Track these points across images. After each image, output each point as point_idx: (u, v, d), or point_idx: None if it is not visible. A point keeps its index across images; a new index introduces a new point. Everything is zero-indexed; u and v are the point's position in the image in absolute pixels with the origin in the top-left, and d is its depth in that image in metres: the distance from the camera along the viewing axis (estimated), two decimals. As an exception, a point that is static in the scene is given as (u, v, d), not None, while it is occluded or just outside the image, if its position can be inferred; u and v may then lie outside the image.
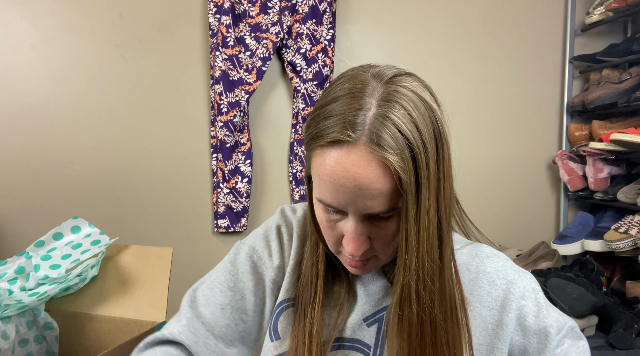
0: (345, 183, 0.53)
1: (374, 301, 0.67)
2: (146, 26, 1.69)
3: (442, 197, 0.55)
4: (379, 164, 0.52)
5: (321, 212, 0.59)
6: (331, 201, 0.55)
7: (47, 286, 0.90)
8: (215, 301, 0.68)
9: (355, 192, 0.53)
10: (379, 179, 0.52)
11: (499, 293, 0.65)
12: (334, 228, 0.59)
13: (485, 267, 0.67)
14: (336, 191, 0.54)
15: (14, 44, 1.60)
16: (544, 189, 1.99)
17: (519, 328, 0.65)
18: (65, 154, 1.66)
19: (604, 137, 1.68)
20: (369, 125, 0.52)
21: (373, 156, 0.51)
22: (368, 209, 0.54)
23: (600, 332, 1.43)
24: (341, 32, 1.81)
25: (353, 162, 0.52)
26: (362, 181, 0.52)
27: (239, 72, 1.68)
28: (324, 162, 0.54)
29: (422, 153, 0.52)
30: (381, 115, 0.52)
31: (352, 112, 0.52)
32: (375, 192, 0.53)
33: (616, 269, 1.73)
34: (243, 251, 0.73)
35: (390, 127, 0.51)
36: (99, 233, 1.04)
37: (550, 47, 1.95)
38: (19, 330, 0.89)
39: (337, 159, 0.53)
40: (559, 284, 1.38)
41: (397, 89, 0.54)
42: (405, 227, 0.54)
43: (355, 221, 0.56)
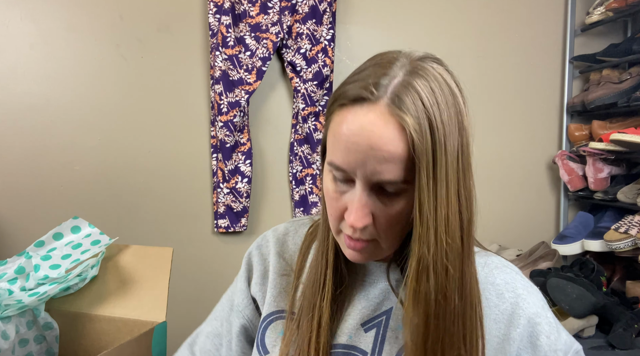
0: (359, 140, 0.52)
1: (373, 306, 0.66)
2: (146, 26, 1.69)
3: (462, 183, 0.55)
4: (395, 127, 0.52)
5: (330, 182, 0.58)
6: (341, 162, 0.54)
7: (47, 286, 0.90)
8: (205, 331, 0.78)
9: (367, 152, 0.52)
10: (394, 141, 0.52)
11: (507, 307, 0.63)
12: (339, 200, 0.58)
13: (494, 279, 0.65)
14: (348, 150, 0.53)
15: (14, 44, 1.60)
16: (544, 189, 1.99)
17: (529, 346, 0.62)
18: (65, 154, 1.66)
19: (604, 137, 1.68)
20: (392, 87, 0.52)
21: (391, 117, 0.52)
22: (377, 174, 0.53)
23: (600, 332, 1.43)
24: (341, 32, 1.81)
25: (370, 120, 0.52)
26: (376, 140, 0.52)
27: (239, 72, 1.68)
28: (341, 120, 0.54)
29: (441, 128, 0.52)
30: (407, 83, 0.52)
31: (378, 76, 0.53)
32: (387, 155, 0.52)
33: (616, 269, 1.73)
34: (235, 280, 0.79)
35: (413, 94, 0.52)
36: (99, 233, 1.04)
37: (550, 47, 1.95)
38: (19, 330, 0.89)
39: (355, 116, 0.53)
40: (559, 284, 1.38)
41: (425, 66, 0.55)
42: (419, 197, 0.52)
43: (362, 189, 0.55)
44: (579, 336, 1.40)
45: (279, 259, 0.72)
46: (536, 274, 1.50)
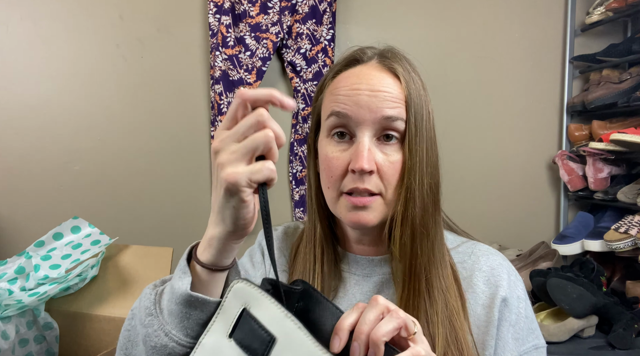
0: (360, 87, 0.61)
1: (367, 299, 0.67)
2: (146, 26, 1.69)
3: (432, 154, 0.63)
4: (389, 75, 0.63)
5: (328, 146, 0.64)
6: (343, 109, 0.61)
7: (47, 286, 0.90)
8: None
9: (368, 93, 0.61)
10: (390, 84, 0.62)
11: (493, 291, 0.65)
12: (339, 158, 0.62)
13: (480, 265, 0.66)
14: (349, 97, 0.61)
15: (14, 44, 1.60)
16: (544, 189, 1.99)
17: (515, 330, 0.64)
18: (65, 154, 1.66)
19: (604, 137, 1.68)
20: (378, 51, 0.67)
21: (384, 67, 0.64)
22: (380, 110, 0.60)
23: (600, 332, 1.43)
24: (341, 32, 1.81)
25: (366, 72, 0.63)
26: (375, 83, 0.61)
27: (239, 72, 1.68)
28: (339, 80, 0.64)
29: (420, 86, 0.64)
30: (387, 49, 0.67)
31: (362, 50, 0.67)
32: (387, 95, 0.61)
33: (616, 269, 1.73)
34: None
35: (396, 54, 0.66)
36: (99, 233, 1.04)
37: (550, 47, 1.95)
38: (19, 330, 0.89)
39: (352, 72, 0.64)
40: (559, 284, 1.38)
41: (397, 50, 0.68)
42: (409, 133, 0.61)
43: (365, 136, 0.61)
44: (578, 336, 1.40)
45: (280, 254, 0.74)
46: (536, 274, 1.50)
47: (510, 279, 0.66)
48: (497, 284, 0.65)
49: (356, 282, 0.68)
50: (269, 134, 0.44)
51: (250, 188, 0.45)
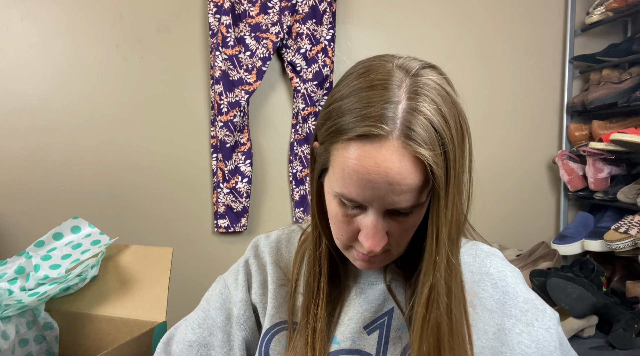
0: (376, 178, 0.51)
1: (374, 308, 0.66)
2: (146, 26, 1.69)
3: (462, 190, 0.55)
4: (411, 159, 0.51)
5: (337, 206, 0.57)
6: (356, 196, 0.53)
7: (47, 286, 0.90)
8: (185, 339, 0.71)
9: (385, 187, 0.51)
10: (411, 175, 0.51)
11: (499, 296, 0.64)
12: (350, 223, 0.57)
13: (487, 269, 0.65)
14: (363, 186, 0.52)
15: (14, 44, 1.60)
16: (544, 189, 1.99)
17: (531, 333, 0.63)
18: (65, 154, 1.66)
19: (604, 137, 1.68)
20: (400, 118, 0.50)
21: (406, 151, 0.50)
22: (395, 204, 0.53)
23: (600, 332, 1.43)
24: (341, 32, 1.81)
25: (385, 157, 0.50)
26: (394, 176, 0.51)
27: (239, 72, 1.68)
28: (350, 156, 0.52)
29: (453, 148, 0.52)
30: (413, 108, 0.50)
31: (381, 105, 0.50)
32: (405, 187, 0.52)
33: (616, 269, 1.73)
34: (217, 288, 0.75)
35: (423, 121, 0.50)
36: (99, 233, 1.04)
37: (550, 47, 1.95)
38: (19, 330, 0.89)
39: (368, 153, 0.51)
40: (559, 284, 1.38)
41: (425, 81, 0.52)
42: (437, 224, 0.53)
43: (377, 216, 0.55)
44: (579, 336, 1.40)
45: (276, 268, 0.72)
46: (536, 274, 1.50)
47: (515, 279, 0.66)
48: (505, 291, 0.64)
49: (361, 291, 0.67)
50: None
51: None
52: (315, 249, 0.65)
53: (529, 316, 0.64)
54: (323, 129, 0.56)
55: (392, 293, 0.66)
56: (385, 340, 0.64)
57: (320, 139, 0.57)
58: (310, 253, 0.66)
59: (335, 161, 0.54)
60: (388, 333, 0.64)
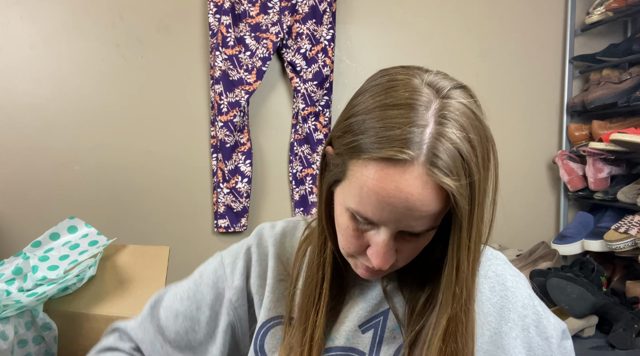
0: (396, 202, 0.49)
1: (370, 307, 0.65)
2: (146, 26, 1.69)
3: (484, 219, 0.53)
4: (434, 187, 0.49)
5: (348, 220, 0.55)
6: (372, 216, 0.52)
7: (45, 286, 0.90)
8: (173, 307, 0.72)
9: (403, 212, 0.50)
10: (433, 202, 0.49)
11: (497, 300, 0.64)
12: (360, 237, 0.56)
13: (486, 272, 0.65)
14: (382, 208, 0.50)
15: (14, 44, 1.61)
16: (544, 189, 1.99)
17: (525, 341, 0.63)
18: (65, 154, 1.66)
19: (604, 137, 1.67)
20: (427, 144, 0.48)
21: (430, 178, 0.48)
22: (410, 228, 0.52)
23: (600, 332, 1.43)
24: (341, 32, 1.81)
25: (408, 183, 0.48)
26: (414, 202, 0.49)
27: (239, 72, 1.68)
28: (370, 176, 0.50)
29: (479, 177, 0.50)
30: (440, 134, 0.48)
31: (408, 128, 0.48)
32: (424, 214, 0.50)
33: (616, 269, 1.73)
34: (212, 264, 0.75)
35: (450, 148, 0.48)
36: (96, 234, 1.04)
37: (550, 47, 1.95)
38: (18, 331, 0.89)
39: (389, 176, 0.49)
40: (559, 284, 1.38)
41: (454, 105, 0.50)
42: (458, 255, 0.52)
43: (389, 235, 0.53)
44: (579, 336, 1.40)
45: (277, 262, 0.71)
46: (536, 274, 1.50)
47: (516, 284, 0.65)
48: (503, 295, 0.64)
49: (360, 291, 0.67)
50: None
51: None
52: (320, 255, 0.64)
53: (527, 321, 0.63)
54: (342, 141, 0.53)
55: (387, 297, 0.66)
56: (380, 339, 0.64)
57: (336, 149, 0.55)
58: (314, 257, 0.65)
59: (354, 177, 0.52)
60: (382, 333, 0.64)
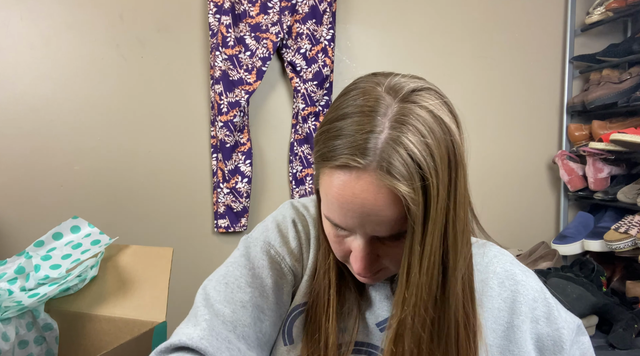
0: (354, 207, 0.51)
1: (387, 306, 0.66)
2: (146, 26, 1.69)
3: (450, 226, 0.52)
4: (388, 192, 0.49)
5: (329, 227, 0.58)
6: (339, 222, 0.54)
7: (47, 286, 0.90)
8: (235, 299, 0.62)
9: (363, 217, 0.51)
10: (388, 207, 0.50)
11: (508, 295, 0.65)
12: (341, 243, 0.57)
13: (494, 267, 0.66)
14: (344, 214, 0.52)
15: (14, 44, 1.60)
16: (544, 189, 1.99)
17: (534, 331, 0.65)
18: (65, 154, 1.66)
19: (604, 137, 1.68)
20: (380, 150, 0.49)
21: (383, 183, 0.49)
22: (376, 232, 0.53)
23: (600, 332, 1.43)
24: (341, 32, 1.81)
25: (362, 188, 0.50)
26: (370, 207, 0.50)
27: (239, 72, 1.68)
28: (332, 184, 0.52)
29: (434, 183, 0.49)
30: (393, 140, 0.49)
31: (363, 135, 0.49)
32: (384, 218, 0.51)
33: (616, 269, 1.73)
34: (257, 246, 0.69)
35: (403, 154, 0.48)
36: (98, 233, 1.04)
37: (550, 47, 1.95)
38: (19, 331, 0.89)
39: (346, 183, 0.51)
40: (559, 284, 1.38)
41: (412, 109, 0.50)
42: (408, 260, 0.52)
43: (363, 241, 0.55)
44: (579, 336, 1.40)
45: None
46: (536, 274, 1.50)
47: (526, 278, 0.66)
48: (514, 289, 0.65)
49: (377, 290, 0.67)
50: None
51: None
52: (324, 261, 0.65)
53: (537, 313, 0.65)
54: (316, 149, 0.55)
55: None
56: None
57: (314, 160, 0.57)
58: (320, 265, 0.65)
59: (322, 186, 0.54)
60: None
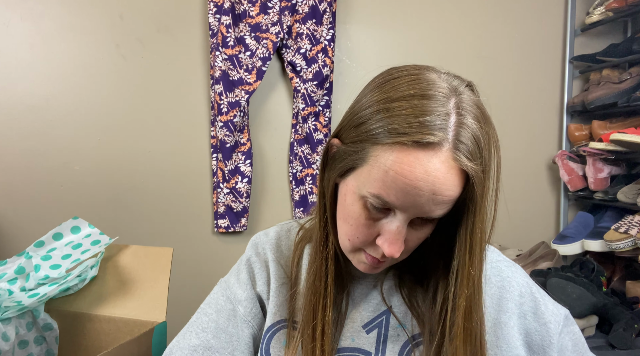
0: (422, 186, 0.51)
1: (372, 307, 0.66)
2: (146, 26, 1.69)
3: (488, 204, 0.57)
4: (457, 172, 0.53)
5: (360, 208, 0.57)
6: (395, 200, 0.53)
7: (47, 286, 0.90)
8: (190, 344, 0.67)
9: (427, 196, 0.52)
10: (454, 187, 0.53)
11: (495, 291, 0.66)
12: (371, 227, 0.57)
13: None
14: (407, 192, 0.52)
15: (14, 44, 1.60)
16: (544, 189, 1.99)
17: (522, 327, 0.65)
18: (65, 154, 1.66)
19: (604, 137, 1.68)
20: (452, 130, 0.52)
21: (455, 163, 0.52)
22: (429, 213, 0.54)
23: (600, 332, 1.43)
24: (341, 32, 1.81)
25: (435, 166, 0.51)
26: (439, 187, 0.52)
27: (239, 72, 1.68)
28: (400, 160, 0.52)
29: (489, 164, 0.56)
30: (462, 123, 0.52)
31: (436, 115, 0.51)
32: (446, 198, 0.53)
33: (616, 269, 1.73)
34: (219, 290, 0.73)
35: (471, 135, 0.52)
36: (98, 233, 1.04)
37: (550, 47, 1.95)
38: (19, 331, 0.89)
39: (419, 160, 0.51)
40: (559, 284, 1.38)
41: (467, 100, 0.55)
42: (471, 239, 0.56)
43: (403, 222, 0.55)
44: (579, 336, 1.40)
45: (277, 266, 0.72)
46: (536, 274, 1.50)
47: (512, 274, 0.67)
48: (500, 285, 0.66)
49: (361, 291, 0.68)
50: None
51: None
52: (323, 249, 0.64)
53: (524, 309, 0.66)
54: (360, 129, 0.55)
55: (386, 297, 0.67)
56: (384, 338, 0.65)
57: (351, 139, 0.57)
58: (316, 253, 0.65)
59: (376, 163, 0.54)
60: (387, 332, 0.65)
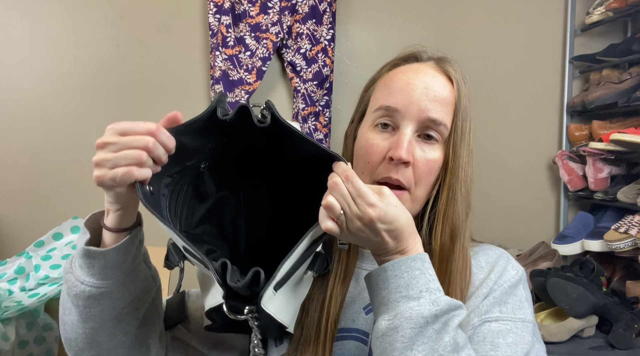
0: (415, 82, 0.65)
1: None
2: (146, 26, 1.69)
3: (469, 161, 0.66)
4: (444, 77, 0.67)
5: (371, 132, 0.66)
6: (395, 102, 0.64)
7: (46, 287, 0.90)
8: None
9: (421, 91, 0.64)
10: (444, 86, 0.66)
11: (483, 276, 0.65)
12: (379, 145, 0.64)
13: (478, 257, 0.67)
14: (403, 91, 0.64)
15: (14, 44, 1.60)
16: (544, 189, 1.99)
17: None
18: (65, 154, 1.66)
19: (604, 137, 1.68)
20: (435, 56, 0.71)
21: (440, 70, 0.68)
22: (427, 111, 0.63)
23: (600, 332, 1.43)
24: (341, 32, 1.81)
25: (423, 70, 0.67)
26: (429, 81, 0.65)
27: (239, 72, 1.68)
28: (396, 72, 0.68)
29: (468, 95, 0.68)
30: (443, 55, 0.71)
31: (419, 50, 0.72)
32: (438, 94, 0.64)
33: (616, 269, 1.73)
34: None
35: (451, 62, 0.70)
36: (99, 233, 1.03)
37: (550, 47, 1.95)
38: (19, 331, 0.89)
39: (409, 67, 0.68)
40: (559, 284, 1.38)
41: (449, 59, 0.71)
42: (454, 136, 0.65)
43: (407, 132, 0.63)
44: (578, 336, 1.40)
45: None
46: (536, 274, 1.50)
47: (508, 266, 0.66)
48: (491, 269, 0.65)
49: (360, 273, 0.68)
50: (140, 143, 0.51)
51: (119, 186, 0.53)
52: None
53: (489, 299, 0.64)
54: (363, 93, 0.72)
55: None
56: None
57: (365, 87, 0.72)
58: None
59: (379, 86, 0.69)
60: None
